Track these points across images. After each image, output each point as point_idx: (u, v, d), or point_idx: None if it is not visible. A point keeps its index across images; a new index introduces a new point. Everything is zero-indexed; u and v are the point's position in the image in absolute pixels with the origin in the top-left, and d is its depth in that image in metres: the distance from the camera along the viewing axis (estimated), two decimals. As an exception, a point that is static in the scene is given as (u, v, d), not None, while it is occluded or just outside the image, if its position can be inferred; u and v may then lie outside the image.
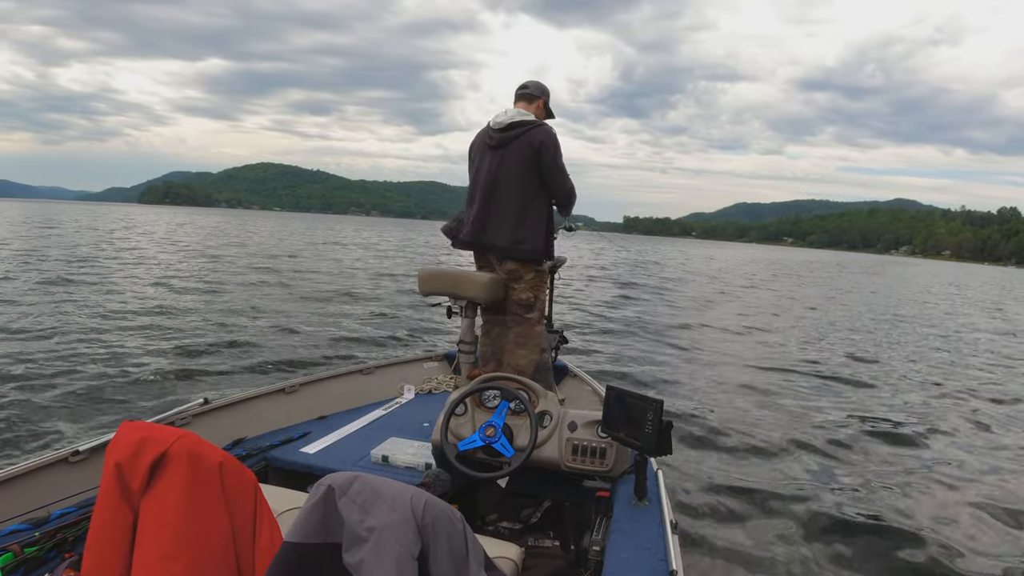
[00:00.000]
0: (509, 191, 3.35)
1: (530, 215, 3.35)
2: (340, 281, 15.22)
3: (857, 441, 5.12)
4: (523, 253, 3.39)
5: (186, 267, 16.82)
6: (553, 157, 3.31)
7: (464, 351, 3.72)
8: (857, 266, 57.16)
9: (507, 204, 3.37)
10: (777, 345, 9.99)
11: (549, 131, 3.35)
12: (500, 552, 1.72)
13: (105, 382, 5.44)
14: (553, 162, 3.32)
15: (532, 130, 3.33)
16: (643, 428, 1.94)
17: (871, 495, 4.02)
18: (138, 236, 31.11)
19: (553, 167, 3.33)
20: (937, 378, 8.13)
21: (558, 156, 3.33)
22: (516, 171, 3.33)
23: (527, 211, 3.34)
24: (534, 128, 3.34)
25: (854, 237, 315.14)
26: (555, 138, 3.34)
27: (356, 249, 31.23)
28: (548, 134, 3.33)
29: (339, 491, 1.18)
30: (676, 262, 34.99)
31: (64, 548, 1.70)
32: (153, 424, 1.39)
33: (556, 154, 3.32)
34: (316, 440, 2.73)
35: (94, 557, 1.26)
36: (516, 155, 3.32)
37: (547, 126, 3.40)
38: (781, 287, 24.04)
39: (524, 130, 3.33)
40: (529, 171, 3.32)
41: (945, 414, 6.25)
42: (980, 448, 5.20)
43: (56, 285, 11.45)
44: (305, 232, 49.43)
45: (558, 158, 3.33)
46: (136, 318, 8.68)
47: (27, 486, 1.88)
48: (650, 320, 11.90)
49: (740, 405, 6.06)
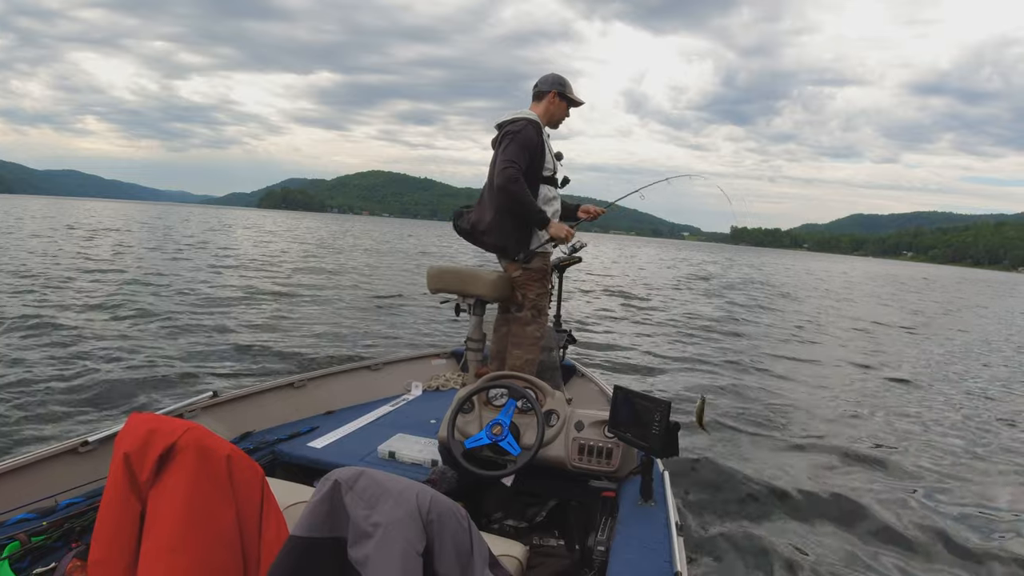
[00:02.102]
0: (491, 188, 3.39)
1: (500, 211, 3.35)
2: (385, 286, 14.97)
3: (868, 443, 5.08)
4: (489, 247, 3.47)
5: (239, 265, 16.92)
6: (500, 147, 3.26)
7: (472, 349, 3.72)
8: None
9: (488, 202, 3.42)
10: (792, 352, 9.93)
11: (516, 126, 3.29)
12: (505, 550, 1.72)
13: (115, 374, 5.48)
14: (498, 151, 3.28)
15: (507, 127, 3.34)
16: (650, 429, 1.93)
17: (880, 499, 3.99)
18: (220, 236, 31.71)
19: (496, 156, 3.28)
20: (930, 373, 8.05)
21: (504, 145, 3.24)
22: (493, 171, 3.37)
23: (499, 208, 3.35)
24: (508, 125, 3.34)
25: (979, 252, 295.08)
26: (517, 133, 3.24)
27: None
28: (513, 130, 3.28)
29: (345, 486, 1.18)
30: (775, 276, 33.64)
31: (71, 538, 1.71)
32: (162, 416, 1.39)
33: (507, 148, 3.22)
34: (323, 435, 2.74)
35: (102, 547, 1.26)
36: (495, 154, 3.38)
37: (521, 122, 3.30)
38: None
39: (505, 130, 3.35)
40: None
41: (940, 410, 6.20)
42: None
43: (72, 278, 11.56)
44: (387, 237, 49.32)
45: (502, 147, 3.24)
46: (153, 311, 8.74)
47: (35, 476, 1.90)
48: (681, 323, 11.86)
49: (751, 408, 6.02)
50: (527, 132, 3.26)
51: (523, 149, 3.23)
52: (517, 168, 3.20)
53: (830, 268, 63.32)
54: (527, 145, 3.24)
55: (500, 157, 3.24)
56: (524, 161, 3.24)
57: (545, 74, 3.47)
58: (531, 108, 3.44)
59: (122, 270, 13.49)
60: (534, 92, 3.48)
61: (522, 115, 3.36)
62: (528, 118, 3.33)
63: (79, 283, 11.01)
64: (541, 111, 3.41)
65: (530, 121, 3.32)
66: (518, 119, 3.33)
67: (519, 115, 3.36)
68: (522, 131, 3.25)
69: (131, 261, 15.77)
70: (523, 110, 3.41)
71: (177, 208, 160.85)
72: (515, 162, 3.19)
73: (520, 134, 3.25)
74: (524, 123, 3.29)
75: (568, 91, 3.44)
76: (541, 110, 3.42)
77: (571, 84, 3.48)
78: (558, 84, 3.42)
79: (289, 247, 26.97)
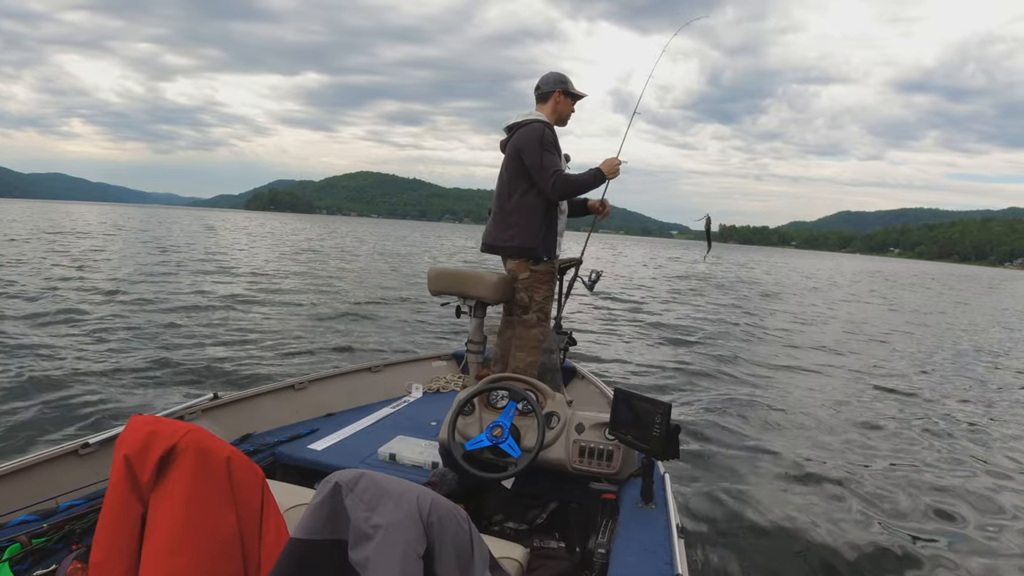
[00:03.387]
0: (504, 192, 3.42)
1: (517, 211, 3.36)
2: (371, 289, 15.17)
3: (871, 448, 5.07)
4: (511, 250, 3.43)
5: (233, 266, 16.93)
6: (532, 155, 3.27)
7: (472, 351, 3.72)
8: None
9: (503, 205, 3.43)
10: (796, 351, 9.92)
11: (532, 129, 3.31)
12: (505, 553, 1.71)
13: (115, 375, 5.48)
14: (532, 160, 3.28)
15: (519, 131, 3.36)
16: (651, 431, 1.93)
17: (882, 506, 3.98)
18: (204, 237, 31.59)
19: (533, 166, 3.29)
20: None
21: (536, 154, 3.26)
22: (507, 174, 3.41)
23: (515, 208, 3.36)
24: (520, 128, 3.36)
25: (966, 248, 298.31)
26: (537, 135, 3.27)
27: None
28: (529, 134, 3.30)
29: (346, 488, 1.18)
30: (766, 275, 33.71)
31: (71, 540, 1.71)
32: (162, 418, 1.39)
33: (535, 152, 3.26)
34: (324, 437, 2.74)
35: (102, 549, 1.26)
36: (507, 159, 3.42)
37: (534, 124, 3.33)
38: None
39: (515, 133, 3.37)
40: (517, 172, 3.35)
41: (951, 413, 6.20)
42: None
43: (77, 279, 11.57)
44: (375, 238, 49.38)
45: (536, 156, 3.26)
46: (152, 311, 8.74)
47: (36, 478, 1.90)
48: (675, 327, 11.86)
49: (751, 411, 6.01)
50: (540, 133, 3.29)
51: (552, 149, 3.30)
52: (559, 173, 3.28)
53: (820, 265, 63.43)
54: (553, 144, 3.32)
55: (539, 168, 3.27)
56: (560, 159, 3.35)
57: (544, 75, 3.47)
58: (537, 110, 3.45)
59: (120, 273, 13.49)
60: (537, 95, 3.48)
61: (533, 117, 3.38)
62: (541, 120, 3.36)
63: (77, 286, 11.02)
64: (549, 111, 3.42)
65: (545, 123, 3.36)
66: (530, 121, 3.35)
67: (530, 117, 3.38)
68: (535, 133, 3.29)
69: (132, 262, 15.78)
70: (531, 112, 3.42)
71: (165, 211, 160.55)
72: (554, 168, 3.28)
73: (530, 138, 3.29)
74: (539, 124, 3.33)
75: (571, 87, 3.45)
76: (548, 110, 3.43)
77: (571, 80, 3.48)
78: (560, 83, 3.43)
79: (287, 248, 27.01)
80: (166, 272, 14.22)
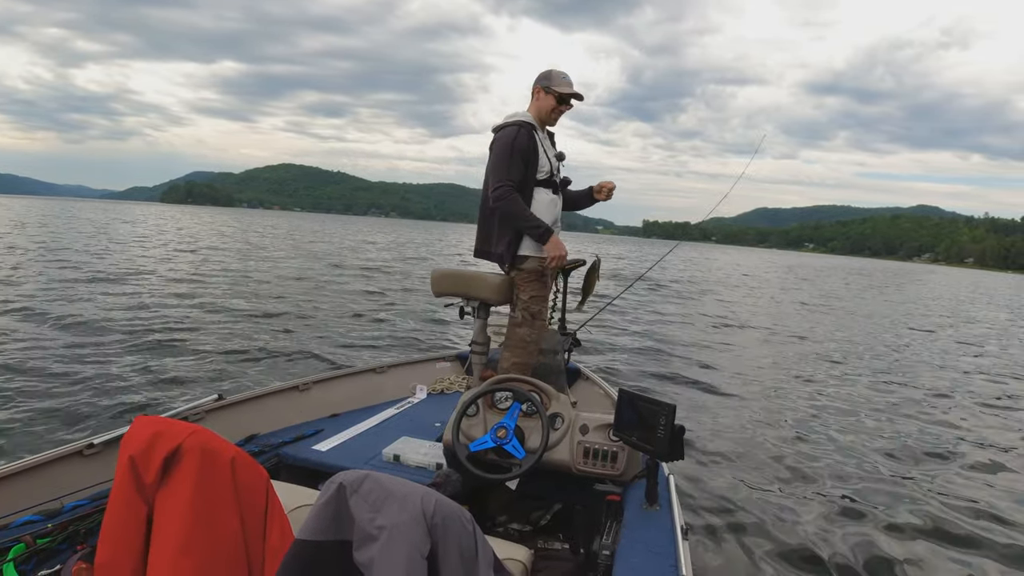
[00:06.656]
0: (486, 195, 3.33)
1: (493, 217, 3.32)
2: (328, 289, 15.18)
3: (873, 451, 5.05)
4: (497, 256, 3.36)
5: (195, 265, 16.97)
6: (493, 159, 3.22)
7: (476, 352, 3.71)
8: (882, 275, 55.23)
9: (483, 208, 3.39)
10: (794, 353, 9.89)
11: (505, 133, 3.21)
12: (509, 554, 1.71)
13: (120, 377, 5.49)
14: (491, 164, 3.23)
15: (497, 133, 3.29)
16: (655, 432, 1.93)
17: (884, 507, 3.96)
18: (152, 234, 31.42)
19: (489, 170, 3.23)
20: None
21: (496, 159, 3.18)
22: (487, 177, 3.33)
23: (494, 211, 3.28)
24: (498, 132, 3.29)
25: (876, 244, 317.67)
26: (508, 140, 3.16)
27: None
28: (501, 137, 3.21)
29: (350, 489, 1.18)
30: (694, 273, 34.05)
31: (76, 540, 1.71)
32: (167, 419, 1.39)
33: (498, 156, 3.17)
34: (328, 438, 2.74)
35: (108, 549, 1.26)
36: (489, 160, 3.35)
37: (509, 127, 3.22)
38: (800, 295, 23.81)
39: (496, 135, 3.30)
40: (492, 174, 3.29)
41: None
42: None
43: (73, 280, 11.60)
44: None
45: (495, 160, 3.19)
46: (152, 313, 8.77)
47: (41, 478, 1.90)
48: (664, 330, 11.84)
49: (754, 412, 6.00)
50: (510, 138, 3.14)
51: (507, 158, 3.13)
52: (505, 185, 3.12)
53: (742, 261, 64.12)
54: (513, 151, 3.13)
55: (490, 175, 3.20)
56: (514, 171, 3.13)
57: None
58: (528, 108, 3.36)
59: (115, 276, 13.54)
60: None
61: (514, 118, 3.27)
62: (519, 121, 3.22)
63: (75, 287, 11.05)
64: (533, 110, 3.31)
65: (520, 124, 3.20)
66: (507, 124, 3.25)
67: (510, 118, 3.28)
68: (505, 138, 3.16)
69: (128, 264, 15.83)
70: (518, 112, 3.34)
71: (80, 203, 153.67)
72: (500, 178, 3.12)
73: (500, 142, 3.18)
74: (513, 128, 3.19)
75: (553, 83, 3.25)
76: (533, 109, 3.32)
77: (561, 75, 3.29)
78: (542, 79, 3.28)
79: (286, 248, 27.03)
80: (167, 273, 14.26)
